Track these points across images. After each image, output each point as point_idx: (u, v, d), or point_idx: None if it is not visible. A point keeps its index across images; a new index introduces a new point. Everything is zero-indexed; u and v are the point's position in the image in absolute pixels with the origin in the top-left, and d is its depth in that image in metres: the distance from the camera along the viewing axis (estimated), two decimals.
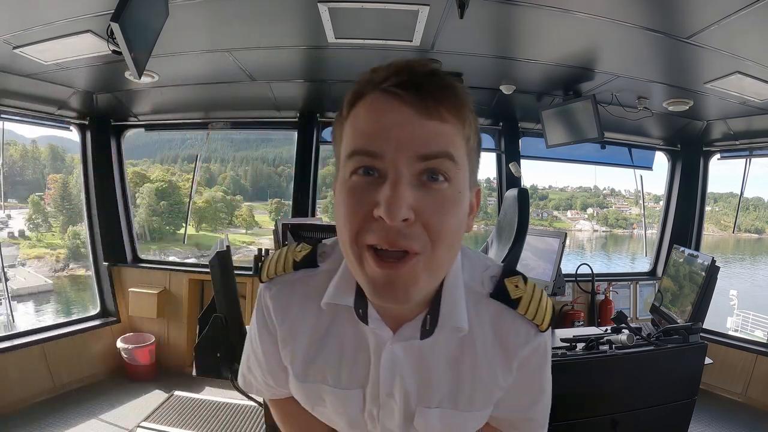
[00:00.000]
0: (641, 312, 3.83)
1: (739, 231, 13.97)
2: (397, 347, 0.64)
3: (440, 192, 0.51)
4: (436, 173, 0.51)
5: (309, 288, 0.68)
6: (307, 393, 0.72)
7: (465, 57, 2.47)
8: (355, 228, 0.52)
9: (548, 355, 0.70)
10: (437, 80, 0.51)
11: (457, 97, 0.52)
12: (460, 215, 0.54)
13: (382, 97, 0.52)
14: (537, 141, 3.63)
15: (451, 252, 0.55)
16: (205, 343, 1.70)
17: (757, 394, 3.14)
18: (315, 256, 0.69)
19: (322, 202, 4.21)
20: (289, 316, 0.69)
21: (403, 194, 0.49)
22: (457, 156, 0.52)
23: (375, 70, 0.54)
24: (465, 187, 0.55)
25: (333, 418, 0.74)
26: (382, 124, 0.51)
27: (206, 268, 2.93)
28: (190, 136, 6.78)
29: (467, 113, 0.54)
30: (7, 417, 2.77)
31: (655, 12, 1.88)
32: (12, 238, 9.97)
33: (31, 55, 2.31)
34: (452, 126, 0.52)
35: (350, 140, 0.53)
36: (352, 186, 0.52)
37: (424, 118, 0.50)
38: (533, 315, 0.65)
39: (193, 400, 3.05)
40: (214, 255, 1.71)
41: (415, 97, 0.50)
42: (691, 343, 1.88)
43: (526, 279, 0.67)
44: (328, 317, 0.67)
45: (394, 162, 0.50)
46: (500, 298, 0.65)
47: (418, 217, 0.50)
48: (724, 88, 2.58)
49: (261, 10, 2.03)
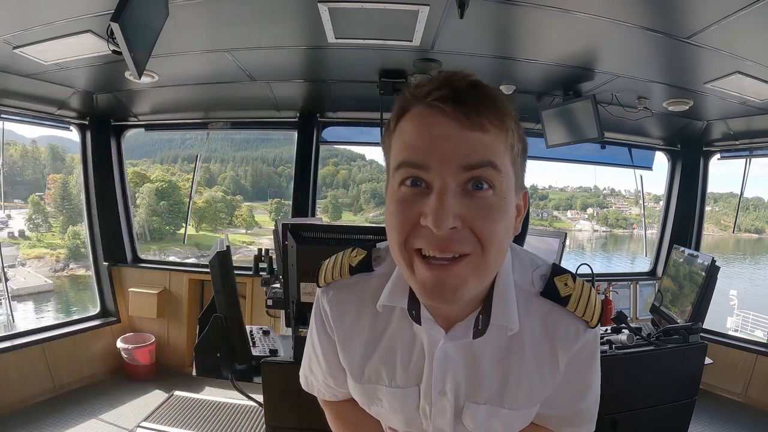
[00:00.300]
0: (641, 312, 3.83)
1: (739, 231, 13.98)
2: (449, 346, 0.66)
3: (485, 199, 0.54)
4: (481, 181, 0.53)
5: (365, 292, 0.71)
6: (364, 393, 0.74)
7: (465, 57, 2.47)
8: (404, 235, 0.55)
9: (597, 350, 0.71)
10: (478, 92, 0.53)
11: (498, 107, 0.54)
12: (506, 220, 0.56)
13: (426, 111, 0.54)
14: (537, 141, 3.62)
15: (499, 255, 0.57)
16: (205, 343, 1.70)
17: (757, 394, 3.15)
18: (370, 260, 0.72)
19: (322, 202, 4.22)
20: (346, 319, 0.72)
21: (449, 205, 0.52)
22: (501, 164, 0.54)
23: (418, 84, 0.56)
24: (510, 192, 0.56)
25: (390, 417, 0.76)
26: (426, 137, 0.53)
27: (206, 268, 2.93)
28: (190, 136, 6.79)
29: (509, 122, 0.55)
30: (7, 417, 2.77)
31: (655, 12, 1.88)
32: (12, 238, 9.97)
33: (31, 55, 2.31)
34: (494, 136, 0.54)
35: (398, 152, 0.56)
36: (401, 196, 0.55)
37: (466, 130, 0.52)
38: (582, 312, 0.66)
39: (193, 400, 3.05)
40: (214, 255, 1.71)
41: (457, 110, 0.52)
42: (691, 343, 1.88)
43: (575, 277, 0.69)
44: (384, 319, 0.70)
45: (439, 173, 0.52)
46: (550, 296, 0.66)
47: (465, 224, 0.53)
48: (724, 88, 2.58)
49: (261, 10, 2.03)
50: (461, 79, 0.54)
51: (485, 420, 0.69)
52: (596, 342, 0.70)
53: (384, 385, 0.72)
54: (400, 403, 0.72)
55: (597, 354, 0.71)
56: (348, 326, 0.72)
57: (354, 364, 0.73)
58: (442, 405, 0.70)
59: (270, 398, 1.64)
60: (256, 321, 3.33)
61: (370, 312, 0.70)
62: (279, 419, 1.64)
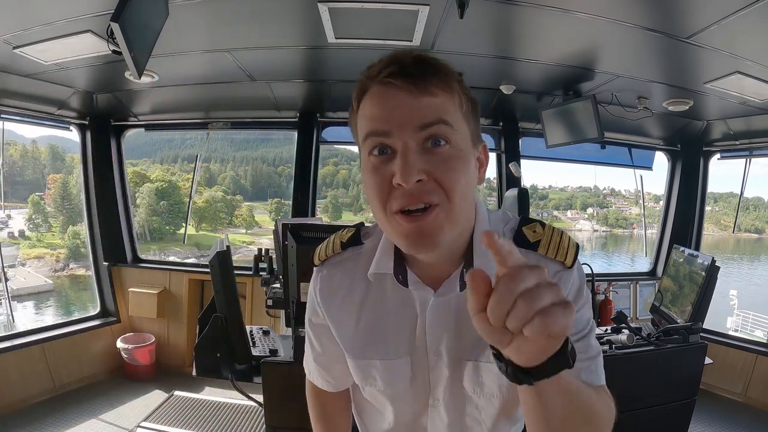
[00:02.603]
0: (641, 312, 3.83)
1: (739, 231, 13.97)
2: (440, 302, 0.70)
3: (444, 153, 0.60)
4: (437, 138, 0.60)
5: (356, 265, 0.76)
6: (360, 370, 0.77)
7: (465, 57, 2.47)
8: (383, 199, 0.61)
9: (580, 289, 0.70)
10: (422, 64, 0.61)
11: (442, 74, 0.61)
12: (466, 170, 0.63)
13: (381, 88, 0.62)
14: (537, 141, 3.63)
15: (465, 202, 0.63)
16: (205, 343, 1.70)
17: (757, 394, 3.14)
18: (359, 235, 0.78)
19: (322, 202, 4.22)
20: (339, 294, 0.77)
21: (412, 161, 0.59)
22: (452, 121, 0.61)
23: (370, 67, 0.64)
24: (467, 145, 0.63)
25: (383, 402, 0.79)
26: (384, 109, 0.61)
27: (206, 268, 2.93)
28: (190, 136, 6.78)
29: (454, 84, 0.62)
30: (7, 417, 2.77)
31: (655, 12, 1.88)
32: (12, 238, 9.97)
33: (31, 55, 2.31)
34: (443, 98, 0.61)
35: (363, 127, 0.63)
36: (372, 165, 0.62)
37: (417, 97, 0.60)
38: (554, 253, 0.69)
39: (193, 400, 3.05)
40: (214, 255, 1.71)
41: (406, 82, 0.59)
42: (691, 343, 1.88)
43: (544, 225, 0.72)
44: (376, 290, 0.74)
45: (400, 137, 0.60)
46: (520, 243, 0.69)
47: (430, 176, 0.60)
48: (724, 88, 2.58)
49: (261, 10, 2.03)
50: (406, 55, 0.61)
51: (478, 378, 0.71)
52: (576, 281, 0.70)
53: (378, 359, 0.74)
54: (392, 376, 0.74)
55: (581, 293, 0.70)
56: (340, 301, 0.77)
57: (347, 337, 0.77)
58: (440, 369, 0.72)
59: (270, 398, 1.64)
60: (256, 321, 3.33)
61: (362, 284, 0.75)
62: (279, 419, 1.64)
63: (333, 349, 0.81)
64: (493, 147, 3.80)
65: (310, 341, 0.86)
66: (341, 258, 0.78)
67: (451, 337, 0.71)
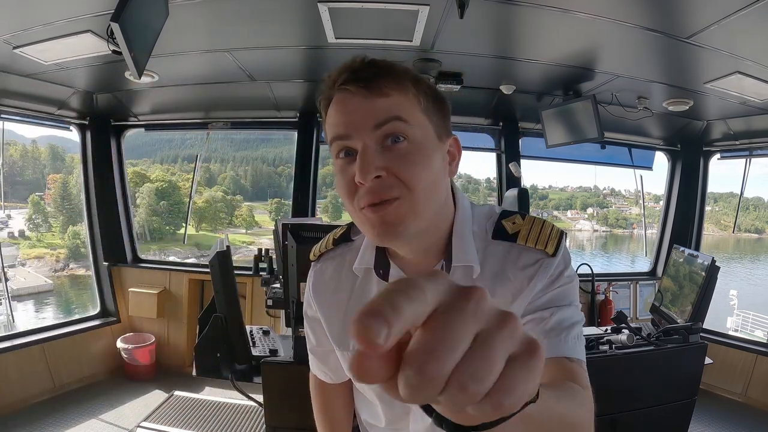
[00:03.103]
0: (641, 312, 3.83)
1: (739, 231, 13.97)
2: None
3: (402, 149, 0.63)
4: (395, 135, 0.62)
5: (344, 260, 0.80)
6: (347, 362, 0.80)
7: (465, 57, 2.47)
8: (351, 195, 0.65)
9: (562, 272, 0.69)
10: (373, 68, 0.64)
11: (392, 74, 0.64)
12: (429, 163, 0.64)
13: (339, 96, 0.65)
14: (537, 141, 3.63)
15: (431, 194, 0.65)
16: (205, 343, 1.70)
17: (757, 394, 3.14)
18: (349, 232, 0.82)
19: (322, 202, 4.21)
20: (329, 287, 0.81)
21: (368, 160, 0.61)
22: (407, 116, 0.63)
23: (329, 76, 0.67)
24: (428, 140, 0.65)
25: (372, 397, 0.82)
26: (343, 113, 0.64)
27: (206, 268, 2.92)
28: (190, 136, 6.77)
29: (406, 82, 0.64)
30: (7, 417, 2.77)
31: (655, 12, 1.88)
32: (12, 238, 9.97)
33: (31, 55, 2.31)
34: (396, 97, 0.63)
35: (329, 132, 0.67)
36: (339, 167, 0.66)
37: (369, 99, 0.63)
38: (534, 242, 0.69)
39: (193, 400, 3.05)
40: (214, 255, 1.71)
41: (358, 87, 0.63)
42: (691, 343, 1.88)
43: (524, 216, 0.73)
44: (363, 283, 0.78)
45: (359, 138, 0.63)
46: (500, 236, 0.71)
47: (390, 172, 0.62)
48: (724, 88, 2.58)
49: (261, 10, 2.04)
50: (359, 61, 0.65)
51: None
52: (559, 268, 0.69)
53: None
54: None
55: (564, 273, 0.69)
56: (330, 294, 0.81)
57: (335, 330, 0.80)
58: None
59: (270, 398, 1.64)
60: (256, 321, 3.33)
61: (350, 279, 0.79)
62: (279, 419, 1.64)
63: (326, 341, 0.84)
64: (493, 147, 3.81)
65: (307, 333, 0.90)
66: (333, 254, 0.82)
67: None
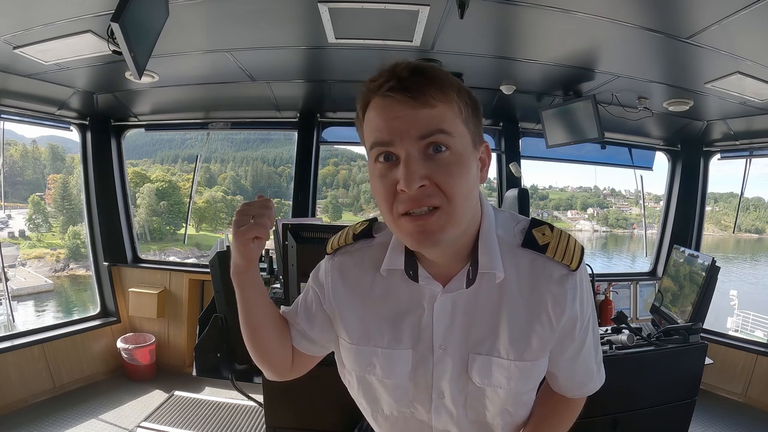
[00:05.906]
0: (641, 312, 3.82)
1: (739, 231, 13.98)
2: (447, 298, 0.74)
3: (444, 159, 0.64)
4: (439, 145, 0.64)
5: (365, 257, 0.80)
6: (359, 357, 0.80)
7: (465, 57, 2.47)
8: (389, 202, 0.66)
9: (583, 290, 0.75)
10: (419, 77, 0.64)
11: (439, 84, 0.64)
12: (467, 173, 0.66)
13: (382, 101, 0.65)
14: (537, 141, 3.62)
15: (467, 203, 0.67)
16: (205, 343, 1.70)
17: (757, 394, 3.14)
18: (371, 229, 0.82)
19: (322, 202, 4.22)
20: (347, 282, 0.81)
21: (413, 168, 0.63)
22: (450, 128, 0.64)
23: (372, 80, 0.67)
24: (467, 150, 0.67)
25: (380, 390, 0.81)
26: (386, 120, 0.65)
27: (206, 268, 2.93)
28: (190, 136, 6.79)
29: (451, 92, 0.65)
30: (7, 417, 2.77)
31: (655, 12, 1.88)
32: (12, 238, 9.97)
33: (31, 55, 2.31)
34: (440, 108, 0.64)
35: (369, 136, 0.68)
36: (379, 171, 0.66)
37: (416, 108, 0.63)
38: (561, 257, 0.73)
39: (193, 400, 3.05)
40: (214, 255, 1.71)
41: (404, 96, 0.63)
42: (692, 343, 1.88)
43: (552, 228, 0.76)
44: (384, 283, 0.78)
45: (402, 146, 0.64)
46: (530, 245, 0.74)
47: (432, 181, 0.64)
48: (724, 88, 2.58)
49: (261, 10, 2.03)
50: (403, 68, 0.64)
51: (488, 371, 0.74)
52: (580, 283, 0.74)
53: (380, 347, 0.78)
54: (393, 366, 0.77)
55: (584, 294, 0.75)
56: (349, 288, 0.80)
57: (351, 325, 0.80)
58: (444, 362, 0.75)
59: (270, 398, 1.64)
60: None
61: (370, 276, 0.79)
62: (279, 419, 1.64)
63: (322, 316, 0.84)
64: (494, 147, 3.80)
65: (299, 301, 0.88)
66: (352, 248, 0.82)
67: (457, 332, 0.74)
